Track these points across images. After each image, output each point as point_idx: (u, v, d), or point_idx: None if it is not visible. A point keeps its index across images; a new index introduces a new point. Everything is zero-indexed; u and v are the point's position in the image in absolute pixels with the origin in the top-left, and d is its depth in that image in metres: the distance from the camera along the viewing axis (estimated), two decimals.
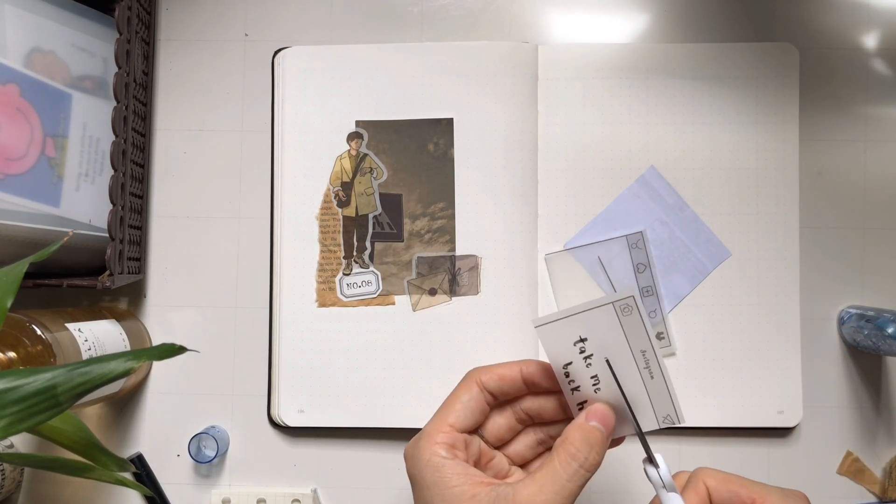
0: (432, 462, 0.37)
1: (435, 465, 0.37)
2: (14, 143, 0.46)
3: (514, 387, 0.40)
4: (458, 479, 0.36)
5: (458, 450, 0.38)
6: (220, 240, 0.56)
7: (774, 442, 0.55)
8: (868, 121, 0.56)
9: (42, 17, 0.48)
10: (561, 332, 0.39)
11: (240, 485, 0.55)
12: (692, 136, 0.55)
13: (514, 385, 0.40)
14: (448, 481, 0.36)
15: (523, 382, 0.40)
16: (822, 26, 0.56)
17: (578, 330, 0.38)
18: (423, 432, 0.39)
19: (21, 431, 0.30)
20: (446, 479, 0.36)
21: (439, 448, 0.38)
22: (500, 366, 0.40)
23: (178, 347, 0.32)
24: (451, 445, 0.38)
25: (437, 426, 0.39)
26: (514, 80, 0.55)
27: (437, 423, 0.39)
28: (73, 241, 0.49)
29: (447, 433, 0.38)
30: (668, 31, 0.56)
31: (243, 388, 0.56)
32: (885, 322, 0.49)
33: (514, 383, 0.40)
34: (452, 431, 0.38)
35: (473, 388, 0.40)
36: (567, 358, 0.39)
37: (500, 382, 0.40)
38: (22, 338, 0.43)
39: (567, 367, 0.39)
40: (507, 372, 0.40)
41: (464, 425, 0.39)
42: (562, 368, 0.39)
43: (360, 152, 0.55)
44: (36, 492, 0.55)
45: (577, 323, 0.38)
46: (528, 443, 0.42)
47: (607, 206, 0.55)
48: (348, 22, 0.57)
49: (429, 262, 0.55)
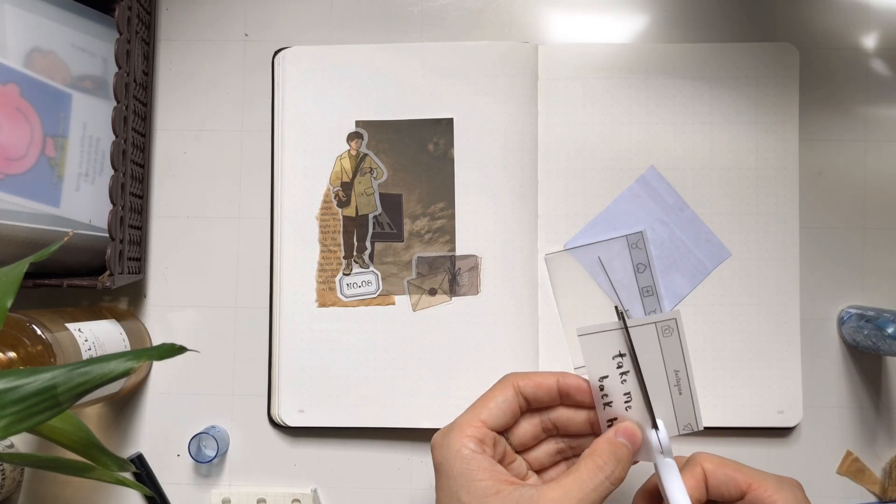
0: (462, 453, 0.38)
1: (464, 456, 0.38)
2: (14, 143, 0.46)
3: (549, 396, 0.41)
4: (484, 473, 0.37)
5: (487, 446, 0.39)
6: (220, 240, 0.56)
7: (774, 442, 0.55)
8: (868, 121, 0.56)
9: (42, 17, 0.48)
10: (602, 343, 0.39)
11: (240, 485, 0.55)
12: (692, 136, 0.55)
13: (550, 394, 0.41)
14: (475, 474, 0.37)
15: (558, 393, 0.41)
16: (822, 26, 0.56)
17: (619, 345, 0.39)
18: (456, 423, 0.40)
19: (21, 431, 0.30)
20: (473, 472, 0.37)
21: (469, 441, 0.38)
22: (539, 374, 0.42)
23: (178, 347, 0.32)
24: (481, 440, 0.39)
25: (469, 420, 0.40)
26: (514, 80, 0.55)
27: (469, 417, 0.40)
28: (73, 241, 0.49)
29: (479, 428, 0.39)
30: (668, 32, 0.56)
31: (243, 388, 0.56)
32: (885, 322, 0.49)
33: (549, 392, 0.41)
34: (484, 427, 0.39)
35: (510, 390, 0.41)
36: (604, 371, 0.40)
37: (536, 389, 0.41)
38: (22, 338, 0.43)
39: (603, 381, 0.40)
40: (544, 381, 0.41)
41: (495, 424, 0.40)
42: (598, 381, 0.40)
43: (360, 152, 0.55)
44: (36, 492, 0.55)
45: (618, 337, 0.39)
46: (548, 450, 0.43)
47: (607, 206, 0.55)
48: (348, 22, 0.57)
49: (429, 262, 0.55)
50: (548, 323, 0.54)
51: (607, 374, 0.40)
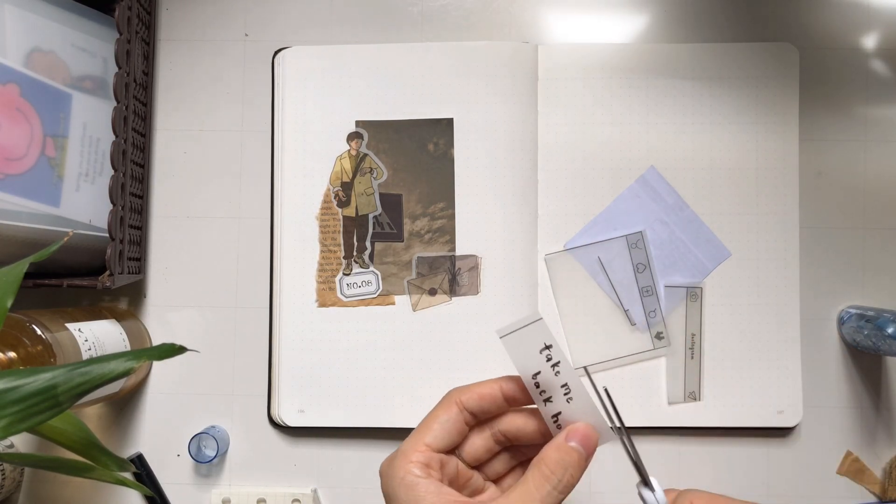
0: (406, 480, 0.37)
1: (408, 483, 0.37)
2: (14, 143, 0.46)
3: (494, 404, 0.40)
4: (430, 497, 0.36)
5: (433, 469, 0.38)
6: (220, 240, 0.56)
7: (774, 442, 0.55)
8: (868, 121, 0.56)
9: (42, 17, 0.48)
10: (525, 340, 0.38)
11: (240, 485, 0.55)
12: (692, 136, 0.55)
13: (495, 403, 0.40)
14: (421, 500, 0.36)
15: (504, 399, 0.40)
16: (822, 26, 0.56)
17: (543, 337, 0.38)
18: (399, 451, 0.39)
19: (21, 431, 0.30)
20: (419, 498, 0.36)
21: (413, 466, 0.37)
22: (480, 384, 0.40)
23: (178, 347, 0.32)
24: (426, 465, 0.38)
25: (413, 445, 0.38)
26: (514, 80, 0.55)
27: (413, 442, 0.39)
28: (73, 241, 0.49)
29: (423, 452, 0.38)
30: (669, 32, 0.56)
31: (243, 388, 0.56)
32: (885, 322, 0.49)
33: (494, 401, 0.40)
34: (428, 451, 0.38)
35: (453, 408, 0.40)
36: (535, 367, 0.39)
37: (480, 401, 0.40)
38: (22, 338, 0.43)
39: (536, 378, 0.39)
40: (486, 390, 0.40)
41: (440, 445, 0.39)
42: (531, 379, 0.39)
43: (360, 152, 0.55)
44: (36, 492, 0.55)
45: (540, 329, 0.38)
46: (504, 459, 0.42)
47: (607, 206, 0.55)
48: (348, 22, 0.57)
49: (429, 262, 0.55)
50: (548, 323, 0.54)
51: (539, 370, 0.39)
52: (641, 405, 0.54)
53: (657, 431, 0.55)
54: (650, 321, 0.55)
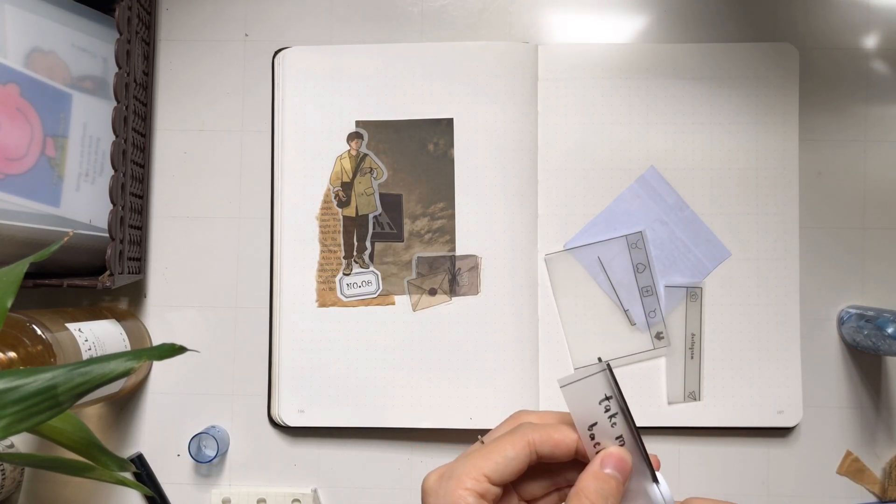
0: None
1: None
2: (14, 143, 0.46)
3: (566, 455, 0.38)
4: None
5: (487, 502, 0.36)
6: (220, 240, 0.56)
7: (774, 442, 0.55)
8: (868, 121, 0.56)
9: (42, 17, 0.48)
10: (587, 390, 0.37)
11: (240, 485, 0.55)
12: (692, 136, 0.55)
13: (567, 453, 0.38)
14: None
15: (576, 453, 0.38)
16: (822, 26, 0.56)
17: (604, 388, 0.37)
18: (455, 471, 0.37)
19: (21, 431, 0.30)
20: None
21: (468, 494, 0.36)
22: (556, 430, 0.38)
23: (178, 347, 0.32)
24: (482, 495, 0.36)
25: (470, 471, 0.36)
26: (514, 80, 0.55)
27: (471, 468, 0.37)
28: (73, 241, 0.49)
29: (479, 481, 0.36)
30: (669, 32, 0.56)
31: (243, 388, 0.56)
32: (885, 322, 0.49)
33: (567, 452, 0.38)
34: (486, 482, 0.36)
35: (523, 447, 0.37)
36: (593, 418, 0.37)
37: (553, 449, 0.37)
38: (22, 338, 0.43)
39: (592, 429, 0.37)
40: (563, 439, 0.37)
41: (499, 479, 0.37)
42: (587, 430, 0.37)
43: (360, 152, 0.55)
44: (36, 492, 0.55)
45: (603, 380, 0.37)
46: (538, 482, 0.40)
47: (607, 206, 0.55)
48: (348, 22, 0.57)
49: (429, 262, 0.55)
50: (548, 323, 0.54)
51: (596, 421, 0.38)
52: (641, 405, 0.54)
53: (657, 431, 0.55)
54: (650, 321, 0.55)
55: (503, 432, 0.38)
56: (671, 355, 0.55)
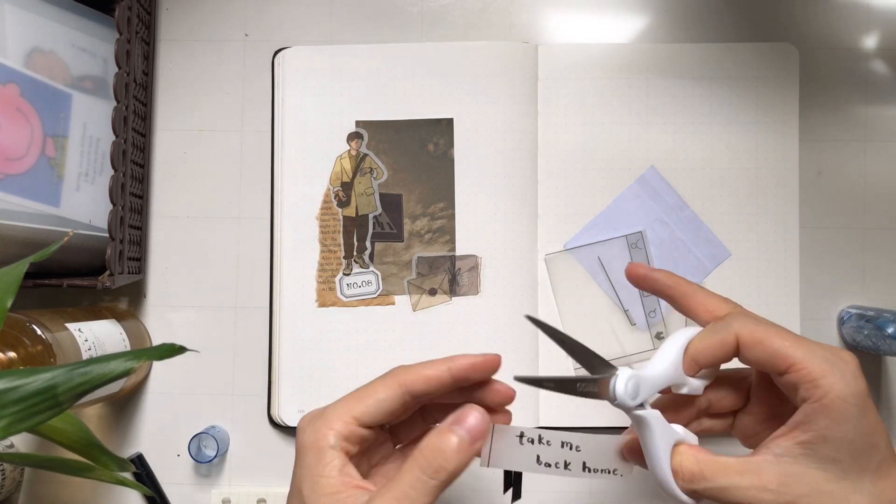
0: (318, 445, 0.35)
1: (319, 448, 0.35)
2: (14, 143, 0.46)
3: (441, 387, 0.37)
4: (331, 470, 0.35)
5: (351, 443, 0.36)
6: (220, 240, 0.56)
7: None
8: (868, 121, 0.56)
9: (42, 17, 0.48)
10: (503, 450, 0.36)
11: (240, 485, 0.55)
12: (692, 136, 0.55)
13: (442, 385, 0.37)
14: (321, 469, 0.35)
15: (452, 381, 0.37)
16: (822, 26, 0.56)
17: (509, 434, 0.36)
18: (324, 412, 0.37)
19: (21, 431, 0.30)
20: (321, 467, 0.35)
21: (331, 435, 0.36)
22: (427, 365, 0.38)
23: (178, 347, 0.32)
24: (345, 437, 0.36)
25: (339, 413, 0.36)
26: (514, 80, 0.55)
27: (341, 410, 0.37)
28: (73, 241, 0.49)
29: (347, 423, 0.36)
30: (669, 31, 0.56)
31: (243, 388, 0.56)
32: (885, 322, 0.49)
33: (441, 384, 0.37)
34: (353, 424, 0.36)
35: (394, 388, 0.37)
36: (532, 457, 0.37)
37: (426, 384, 0.37)
38: (22, 338, 0.43)
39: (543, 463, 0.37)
40: (433, 372, 0.37)
41: (368, 422, 0.37)
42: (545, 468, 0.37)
43: (360, 152, 0.55)
44: (36, 492, 0.55)
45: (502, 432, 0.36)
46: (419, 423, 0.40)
47: (607, 206, 0.55)
48: (348, 22, 0.57)
49: (429, 262, 0.55)
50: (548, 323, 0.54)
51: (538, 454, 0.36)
52: None
53: None
54: (650, 321, 0.55)
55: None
56: None
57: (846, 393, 0.34)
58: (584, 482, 0.55)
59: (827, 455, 0.34)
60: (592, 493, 0.55)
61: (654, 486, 0.38)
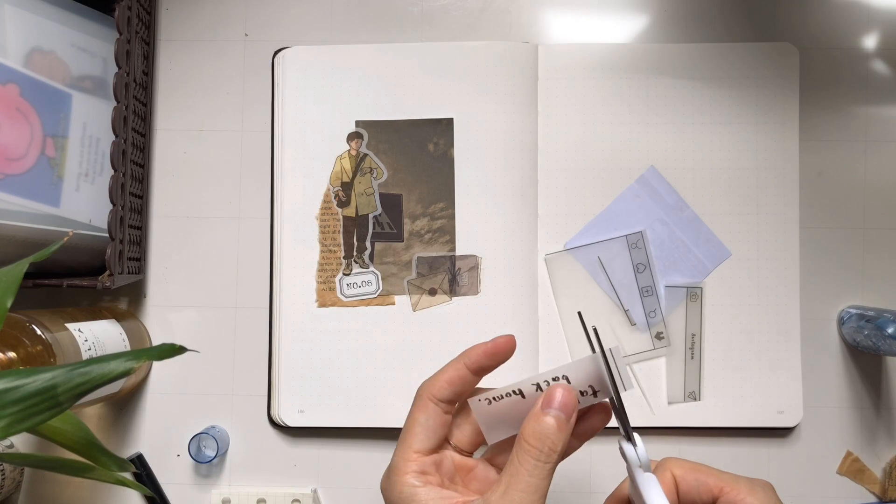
0: (404, 493, 0.37)
1: (407, 495, 0.37)
2: (14, 143, 0.46)
3: (465, 385, 0.39)
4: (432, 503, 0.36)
5: (430, 475, 0.38)
6: (220, 240, 0.56)
7: (774, 442, 0.55)
8: (868, 121, 0.56)
9: (42, 17, 0.48)
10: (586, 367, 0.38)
11: (240, 485, 0.55)
12: (692, 136, 0.55)
13: (465, 383, 0.39)
14: None
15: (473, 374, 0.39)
16: (822, 26, 0.56)
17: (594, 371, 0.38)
18: (392, 465, 0.39)
19: (21, 431, 0.30)
20: None
21: (410, 478, 0.37)
22: (445, 371, 0.39)
23: (178, 347, 0.32)
24: (421, 472, 0.38)
25: (403, 456, 0.38)
26: (514, 80, 0.55)
27: (402, 453, 0.38)
28: (73, 241, 0.49)
29: (414, 461, 0.38)
30: (669, 32, 0.56)
31: (243, 388, 0.56)
32: (885, 322, 0.49)
33: (463, 381, 0.39)
34: (419, 457, 0.38)
35: (428, 406, 0.39)
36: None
37: (450, 388, 0.39)
38: (22, 338, 0.43)
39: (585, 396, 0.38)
40: (453, 374, 0.39)
41: (429, 447, 0.39)
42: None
43: (360, 152, 0.55)
44: (36, 492, 0.55)
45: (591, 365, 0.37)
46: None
47: (607, 206, 0.55)
48: (348, 22, 0.57)
49: (429, 262, 0.55)
50: (548, 323, 0.54)
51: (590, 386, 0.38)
52: (641, 405, 0.54)
53: (657, 431, 0.55)
54: (650, 321, 0.55)
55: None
56: (671, 355, 0.55)
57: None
58: (585, 479, 0.55)
59: None
60: (593, 493, 0.55)
61: None
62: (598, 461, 0.55)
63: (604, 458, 0.55)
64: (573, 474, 0.55)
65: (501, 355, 0.39)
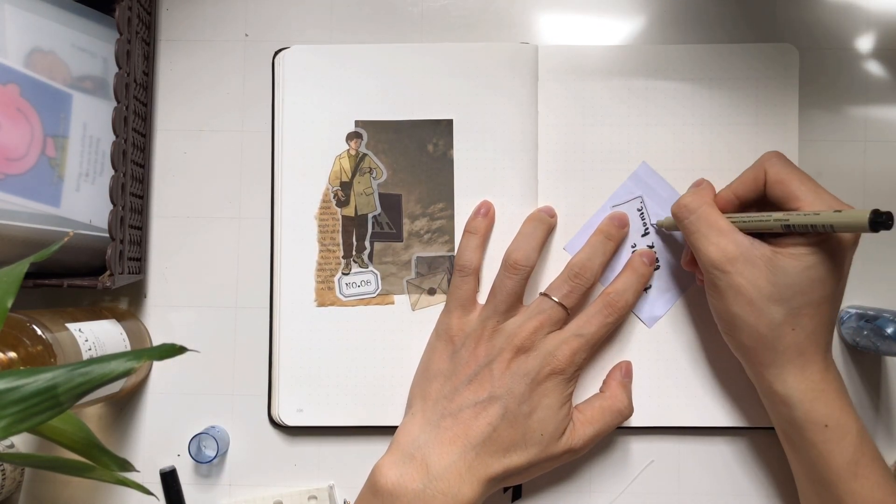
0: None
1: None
2: (14, 143, 0.46)
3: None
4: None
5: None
6: (220, 240, 0.56)
7: (775, 442, 0.55)
8: (868, 121, 0.56)
9: (42, 17, 0.48)
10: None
11: (240, 485, 0.55)
12: (692, 136, 0.55)
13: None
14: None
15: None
16: (822, 26, 0.56)
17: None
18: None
19: (21, 431, 0.30)
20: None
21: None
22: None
23: (179, 347, 0.32)
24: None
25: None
26: (514, 80, 0.55)
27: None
28: (73, 241, 0.49)
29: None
30: (668, 33, 0.56)
31: (243, 388, 0.56)
32: (885, 322, 0.49)
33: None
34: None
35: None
36: None
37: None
38: (22, 338, 0.44)
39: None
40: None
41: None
42: None
43: (359, 152, 0.55)
44: (36, 492, 0.55)
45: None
46: None
47: (602, 205, 0.55)
48: (348, 22, 0.57)
49: (428, 262, 0.55)
50: None
51: None
52: (641, 405, 0.54)
53: (657, 431, 0.55)
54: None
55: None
56: (671, 355, 0.55)
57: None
58: (583, 480, 0.55)
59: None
60: (593, 493, 0.55)
61: None
62: (599, 461, 0.55)
63: (604, 457, 0.55)
64: (573, 474, 0.55)
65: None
